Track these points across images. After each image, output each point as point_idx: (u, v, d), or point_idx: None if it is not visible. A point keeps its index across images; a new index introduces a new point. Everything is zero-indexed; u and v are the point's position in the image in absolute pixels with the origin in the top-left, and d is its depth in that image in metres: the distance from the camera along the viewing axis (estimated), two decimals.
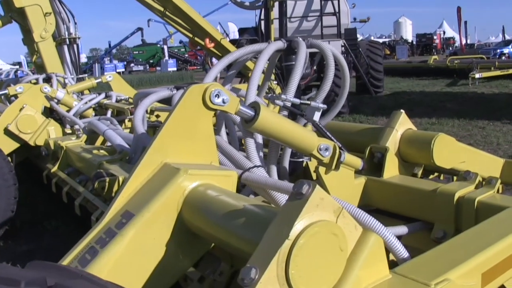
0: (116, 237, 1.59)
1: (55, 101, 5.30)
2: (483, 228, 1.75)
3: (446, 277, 1.35)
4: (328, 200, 1.23)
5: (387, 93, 15.56)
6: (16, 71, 11.78)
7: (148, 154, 1.77)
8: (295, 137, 2.05)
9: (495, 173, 2.93)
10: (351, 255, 1.29)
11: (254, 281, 1.13)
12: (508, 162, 2.96)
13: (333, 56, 2.67)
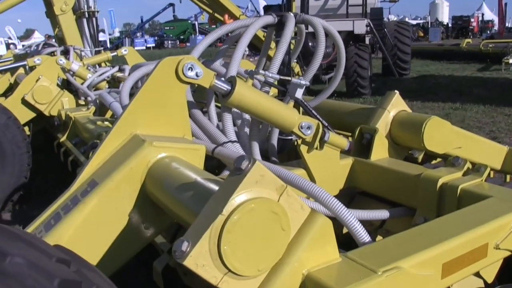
0: (78, 205, 1.60)
1: (71, 73, 5.37)
2: (455, 216, 1.69)
3: (398, 265, 1.30)
4: (269, 178, 1.20)
5: (414, 75, 15.19)
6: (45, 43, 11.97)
7: (118, 125, 1.77)
8: (273, 113, 2.01)
9: (497, 161, 2.83)
10: (296, 236, 1.26)
11: (184, 254, 1.12)
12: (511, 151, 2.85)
13: (330, 33, 2.60)
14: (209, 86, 1.87)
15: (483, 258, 1.58)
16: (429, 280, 1.39)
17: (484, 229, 1.57)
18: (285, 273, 1.24)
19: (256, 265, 1.19)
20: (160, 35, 53.29)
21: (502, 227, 1.62)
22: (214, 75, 1.87)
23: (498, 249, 1.62)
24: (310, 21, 2.43)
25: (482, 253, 1.57)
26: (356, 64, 10.86)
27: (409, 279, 1.32)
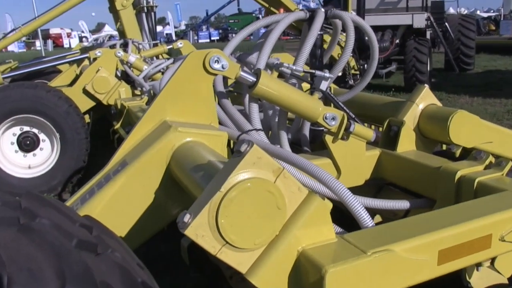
0: (109, 182, 1.79)
1: (128, 65, 5.68)
2: (461, 206, 1.73)
3: (389, 248, 1.38)
4: (266, 160, 1.31)
5: (479, 71, 14.57)
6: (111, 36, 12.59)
7: (148, 112, 1.95)
8: (297, 103, 2.12)
9: None
10: (293, 215, 1.37)
11: (186, 225, 1.26)
12: None
13: (362, 27, 2.65)
14: (234, 78, 2.00)
15: (486, 249, 1.61)
16: (424, 265, 1.46)
17: (488, 220, 1.60)
18: (281, 248, 1.35)
19: (252, 239, 1.32)
20: (224, 28, 54.12)
21: (509, 220, 1.64)
22: (239, 68, 2.00)
23: (504, 241, 1.64)
24: (340, 15, 2.50)
25: (485, 243, 1.60)
26: (415, 58, 10.61)
27: (400, 262, 1.39)
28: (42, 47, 22.24)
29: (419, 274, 1.46)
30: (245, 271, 1.35)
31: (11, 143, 4.90)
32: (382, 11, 11.72)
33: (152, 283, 1.37)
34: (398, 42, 11.46)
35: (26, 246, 1.10)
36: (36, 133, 4.93)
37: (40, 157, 5.01)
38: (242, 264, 1.34)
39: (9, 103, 4.67)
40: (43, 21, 6.92)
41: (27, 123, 4.84)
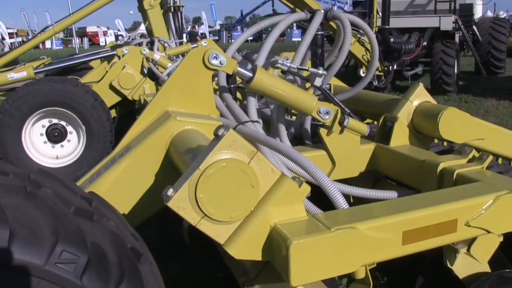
0: (114, 164, 2.00)
1: (153, 62, 5.93)
2: (432, 194, 1.86)
3: (353, 225, 1.53)
4: (241, 143, 1.48)
5: (510, 74, 14.32)
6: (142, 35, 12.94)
7: (152, 103, 2.15)
8: (292, 98, 2.27)
9: None
10: (267, 194, 1.54)
11: (169, 198, 1.44)
12: None
13: (361, 28, 2.78)
14: (232, 73, 2.18)
15: (452, 233, 1.74)
16: (387, 244, 1.60)
17: (454, 206, 1.73)
18: (255, 223, 1.52)
19: (228, 213, 1.49)
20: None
21: (474, 207, 1.76)
22: (237, 64, 2.18)
23: (469, 226, 1.76)
24: (339, 16, 2.63)
25: (450, 228, 1.72)
26: (441, 61, 10.56)
27: (362, 239, 1.54)
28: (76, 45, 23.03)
29: (382, 252, 1.60)
30: (223, 242, 1.53)
31: (40, 134, 5.22)
32: (410, 13, 11.71)
33: (142, 250, 1.55)
34: (425, 44, 11.43)
35: (29, 209, 1.31)
36: (64, 125, 5.24)
37: (67, 148, 5.32)
38: (220, 235, 1.52)
39: (40, 96, 4.98)
40: (76, 19, 7.26)
41: (55, 115, 5.15)
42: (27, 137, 5.14)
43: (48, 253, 1.20)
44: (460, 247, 2.10)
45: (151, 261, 1.57)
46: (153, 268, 1.56)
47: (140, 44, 6.69)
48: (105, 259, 1.32)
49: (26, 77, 6.05)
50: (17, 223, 1.22)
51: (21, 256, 1.17)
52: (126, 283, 1.31)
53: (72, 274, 1.22)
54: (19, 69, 6.14)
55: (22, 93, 4.96)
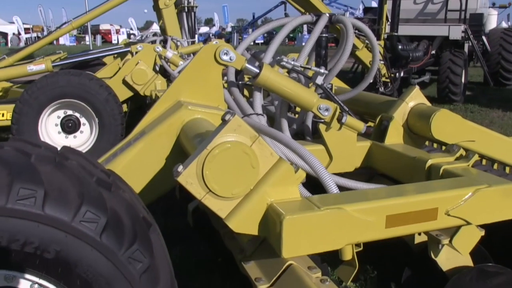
0: (129, 147, 2.20)
1: (165, 60, 6.15)
2: (417, 184, 2.04)
3: (341, 206, 1.72)
4: (245, 128, 1.68)
5: None
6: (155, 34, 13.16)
7: (166, 93, 2.35)
8: (294, 94, 2.46)
9: None
10: (265, 175, 1.73)
11: (178, 173, 1.64)
12: None
13: (364, 32, 2.97)
14: (240, 68, 2.38)
15: (432, 220, 1.91)
16: (372, 226, 1.78)
17: (435, 195, 1.91)
18: (254, 200, 1.71)
19: (230, 190, 1.68)
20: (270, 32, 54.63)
21: (455, 197, 1.94)
22: (245, 60, 2.37)
23: (449, 215, 1.94)
24: (342, 20, 2.82)
25: (431, 215, 1.90)
26: (449, 70, 10.68)
27: (348, 219, 1.72)
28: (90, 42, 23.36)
29: (367, 233, 1.78)
30: (224, 216, 1.72)
31: (55, 124, 5.45)
32: (420, 21, 11.85)
33: (151, 221, 1.75)
34: (434, 53, 11.56)
35: (59, 175, 1.51)
36: (78, 117, 5.46)
37: (80, 139, 5.54)
38: (222, 210, 1.71)
39: (57, 88, 5.21)
40: (93, 16, 7.50)
41: (70, 107, 5.38)
42: (43, 126, 5.37)
43: (74, 212, 1.40)
44: (443, 238, 2.28)
45: (158, 232, 1.77)
46: (160, 238, 1.75)
47: (153, 42, 6.92)
48: (120, 223, 1.52)
49: (44, 70, 6.29)
50: (50, 186, 1.42)
51: (52, 212, 1.37)
52: (137, 245, 1.50)
53: (93, 232, 1.42)
54: (38, 62, 6.38)
55: (41, 85, 5.19)
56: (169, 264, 1.68)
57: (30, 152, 1.59)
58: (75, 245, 1.42)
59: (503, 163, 3.02)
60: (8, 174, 1.40)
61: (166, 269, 1.63)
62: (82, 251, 1.43)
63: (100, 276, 1.46)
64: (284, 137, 2.10)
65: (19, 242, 1.38)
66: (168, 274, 1.63)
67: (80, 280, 1.45)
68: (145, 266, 1.50)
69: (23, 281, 1.50)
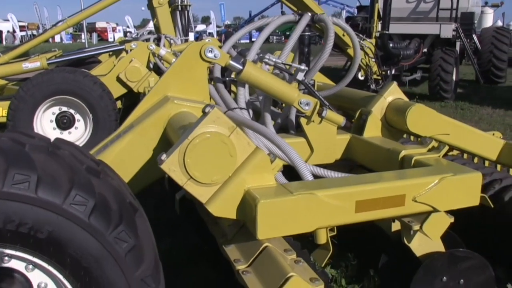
0: (119, 139, 2.33)
1: (159, 58, 6.28)
2: (386, 173, 2.19)
3: (312, 192, 1.86)
4: (224, 119, 1.82)
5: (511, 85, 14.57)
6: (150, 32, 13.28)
7: (154, 88, 2.49)
8: (276, 89, 2.59)
9: (491, 152, 3.15)
10: (243, 163, 1.87)
11: (162, 161, 1.78)
12: (508, 144, 3.15)
13: (345, 31, 3.10)
14: (224, 65, 2.51)
15: (400, 206, 2.06)
16: (342, 211, 1.92)
17: (402, 183, 2.06)
18: (232, 186, 1.85)
19: (210, 176, 1.82)
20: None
21: (421, 185, 2.09)
22: (229, 57, 2.51)
23: (416, 202, 2.09)
24: (323, 20, 2.95)
25: (399, 201, 2.05)
26: (440, 67, 10.83)
27: (319, 204, 1.86)
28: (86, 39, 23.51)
29: (337, 217, 1.93)
30: (205, 201, 1.86)
31: (50, 120, 5.58)
32: (413, 20, 12.01)
33: (138, 206, 1.89)
34: (426, 51, 11.72)
35: (51, 163, 1.64)
36: (72, 113, 5.60)
37: (74, 135, 5.67)
38: (202, 195, 1.85)
39: (52, 85, 5.35)
40: (88, 14, 7.63)
41: (65, 103, 5.51)
42: (38, 122, 5.50)
43: (65, 195, 1.54)
44: (414, 225, 2.42)
45: (144, 217, 1.91)
46: (146, 223, 1.89)
47: (147, 40, 7.05)
48: (108, 206, 1.66)
49: (39, 67, 6.42)
50: (43, 172, 1.55)
51: (45, 196, 1.51)
52: (123, 226, 1.64)
53: (82, 214, 1.56)
54: (33, 60, 6.51)
55: (36, 82, 5.32)
56: (154, 246, 1.82)
57: (24, 142, 1.72)
58: (66, 226, 1.55)
59: (475, 155, 3.17)
60: (4, 161, 1.54)
61: (151, 250, 1.77)
62: (73, 232, 1.56)
63: (89, 254, 1.60)
64: (264, 129, 2.23)
65: (14, 223, 1.52)
66: (152, 254, 1.77)
67: (71, 258, 1.59)
68: (130, 246, 1.64)
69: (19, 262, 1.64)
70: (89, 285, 1.62)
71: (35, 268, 1.69)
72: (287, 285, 1.73)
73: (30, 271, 1.70)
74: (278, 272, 1.79)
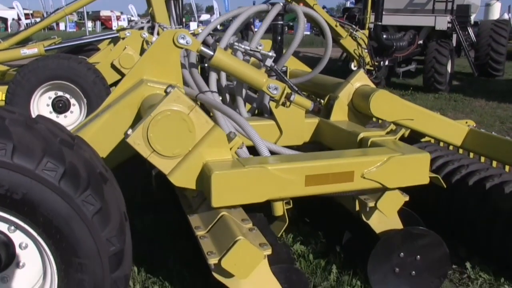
0: (97, 117, 2.54)
1: None
2: (338, 151, 2.39)
3: (263, 166, 2.06)
4: (183, 99, 2.02)
5: (510, 78, 14.64)
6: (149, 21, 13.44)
7: (131, 71, 2.69)
8: (245, 74, 2.78)
9: (456, 138, 3.35)
10: (201, 139, 2.08)
11: (128, 136, 1.99)
12: (472, 131, 3.34)
13: (315, 20, 3.29)
14: (196, 51, 2.71)
15: (349, 182, 2.26)
16: (292, 184, 2.12)
17: (351, 160, 2.26)
18: (191, 159, 2.06)
19: (171, 150, 2.03)
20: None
21: (369, 163, 2.29)
22: (200, 44, 2.70)
23: (364, 178, 2.29)
24: (294, 9, 3.14)
25: (348, 177, 2.25)
26: (434, 59, 10.93)
27: (269, 177, 2.06)
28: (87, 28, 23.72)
29: (287, 190, 2.13)
30: (167, 172, 2.07)
31: (47, 105, 5.80)
32: (409, 12, 12.10)
33: (109, 177, 2.09)
34: (421, 43, 11.83)
35: (27, 134, 1.85)
36: (68, 98, 5.81)
37: (70, 119, 5.88)
38: (165, 167, 2.06)
39: (48, 71, 5.56)
40: (86, 2, 7.81)
41: (61, 88, 5.72)
42: (35, 107, 5.71)
43: (37, 162, 1.75)
44: (369, 202, 2.62)
45: (115, 186, 2.11)
46: (116, 192, 2.09)
47: (142, 28, 7.23)
48: (77, 174, 1.87)
49: (37, 54, 6.62)
50: (18, 141, 1.77)
51: (19, 162, 1.73)
52: (90, 191, 1.85)
53: (53, 178, 1.77)
54: (31, 46, 6.72)
55: (32, 67, 5.53)
56: (121, 212, 2.03)
57: (5, 116, 1.93)
58: (38, 189, 1.77)
59: (440, 140, 3.36)
60: None
61: (117, 213, 1.98)
62: (44, 194, 1.78)
63: (59, 215, 1.81)
64: (229, 110, 2.44)
65: None
66: (118, 219, 1.98)
67: (43, 218, 1.80)
68: (96, 208, 1.85)
69: (2, 223, 1.86)
70: (60, 242, 1.84)
71: (17, 229, 1.92)
72: (235, 247, 1.93)
73: (12, 232, 1.92)
74: (229, 236, 2.00)
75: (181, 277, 2.81)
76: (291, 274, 2.27)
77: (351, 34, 8.83)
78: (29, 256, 1.95)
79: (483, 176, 3.10)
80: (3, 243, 1.92)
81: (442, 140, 3.38)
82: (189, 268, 2.85)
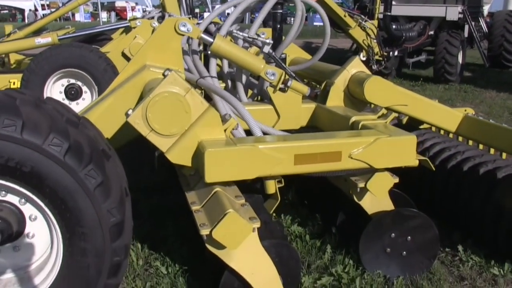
0: (103, 100, 2.70)
1: None
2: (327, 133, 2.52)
3: (254, 144, 2.21)
4: (180, 81, 2.17)
5: None
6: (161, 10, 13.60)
7: (135, 57, 2.84)
8: (243, 60, 2.91)
9: (450, 124, 3.45)
10: (197, 119, 2.22)
11: (128, 115, 2.14)
12: (467, 118, 3.44)
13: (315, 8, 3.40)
14: (197, 38, 2.85)
15: (337, 161, 2.39)
16: (281, 162, 2.26)
17: (339, 140, 2.39)
18: (187, 138, 2.21)
19: (168, 129, 2.18)
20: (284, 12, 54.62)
21: (357, 143, 2.41)
22: (201, 31, 2.84)
23: (352, 158, 2.41)
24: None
25: (335, 157, 2.38)
26: (445, 50, 10.87)
27: (259, 155, 2.21)
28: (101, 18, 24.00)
29: (277, 168, 2.27)
30: (165, 150, 2.22)
31: (60, 92, 6.00)
32: (420, 2, 12.04)
33: (112, 154, 2.25)
34: (432, 33, 11.79)
35: (36, 113, 2.02)
36: (80, 85, 6.00)
37: (82, 106, 6.06)
38: (162, 145, 2.21)
39: (60, 59, 5.75)
40: None
41: (73, 76, 5.92)
42: (48, 93, 5.91)
43: (44, 137, 1.92)
44: (359, 182, 2.73)
45: (117, 163, 2.28)
46: (118, 168, 2.25)
47: (152, 18, 7.39)
48: (81, 149, 2.03)
49: (50, 43, 6.83)
50: (27, 119, 1.93)
51: (28, 137, 1.89)
52: (92, 165, 2.01)
53: (59, 153, 1.94)
54: (45, 35, 6.92)
55: (46, 55, 5.73)
56: (122, 186, 2.19)
57: (16, 96, 2.10)
58: (45, 162, 1.93)
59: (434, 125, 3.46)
60: None
61: (118, 188, 2.14)
62: (50, 167, 1.94)
63: (64, 187, 1.98)
64: (226, 94, 2.58)
65: (3, 158, 1.90)
66: (119, 191, 2.14)
67: (50, 189, 1.97)
68: (98, 182, 2.02)
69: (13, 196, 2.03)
70: (65, 212, 2.01)
71: (27, 202, 2.10)
72: (225, 218, 2.08)
73: (22, 205, 2.10)
74: (220, 209, 2.15)
75: (180, 253, 2.99)
76: (282, 249, 2.41)
77: (360, 24, 8.88)
78: (38, 227, 2.13)
79: (478, 162, 3.19)
80: (15, 214, 2.10)
81: (437, 125, 3.48)
82: (187, 244, 3.02)
